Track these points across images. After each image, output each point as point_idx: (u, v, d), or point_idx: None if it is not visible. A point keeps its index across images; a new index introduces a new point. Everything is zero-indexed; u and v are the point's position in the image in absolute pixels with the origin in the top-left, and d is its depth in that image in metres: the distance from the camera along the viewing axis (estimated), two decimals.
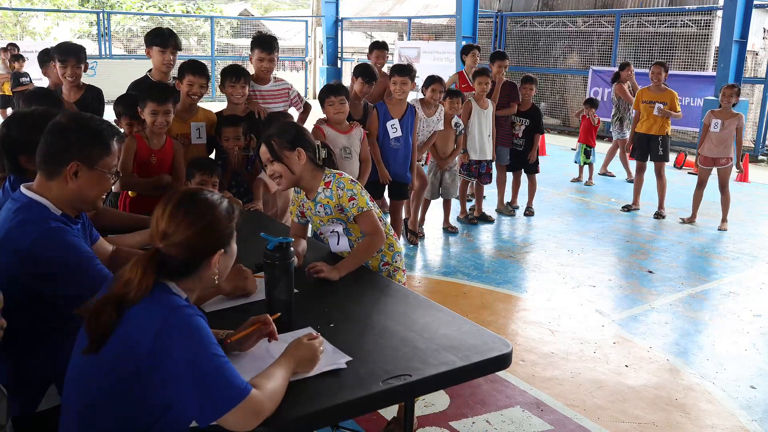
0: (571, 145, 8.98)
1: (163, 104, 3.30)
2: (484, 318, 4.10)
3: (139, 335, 1.42)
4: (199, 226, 1.52)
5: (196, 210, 1.53)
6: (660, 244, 5.85)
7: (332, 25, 18.67)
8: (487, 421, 2.97)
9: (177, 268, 1.52)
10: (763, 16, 11.81)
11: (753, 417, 3.09)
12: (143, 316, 1.43)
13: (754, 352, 3.79)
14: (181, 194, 1.57)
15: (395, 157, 4.71)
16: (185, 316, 1.45)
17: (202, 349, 1.42)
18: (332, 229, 2.56)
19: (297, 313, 2.02)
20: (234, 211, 1.61)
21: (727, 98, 6.15)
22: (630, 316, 4.26)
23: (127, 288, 1.45)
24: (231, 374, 1.43)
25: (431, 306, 2.21)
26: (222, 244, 1.58)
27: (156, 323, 1.41)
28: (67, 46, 4.00)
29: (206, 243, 1.54)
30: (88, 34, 21.68)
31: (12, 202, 1.85)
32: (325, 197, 2.49)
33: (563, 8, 14.38)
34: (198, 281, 1.58)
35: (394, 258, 2.69)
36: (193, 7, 25.68)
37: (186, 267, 1.53)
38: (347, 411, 1.73)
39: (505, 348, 1.89)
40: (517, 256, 5.43)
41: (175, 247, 1.50)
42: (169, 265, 1.50)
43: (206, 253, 1.55)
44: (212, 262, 1.56)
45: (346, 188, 2.46)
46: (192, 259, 1.53)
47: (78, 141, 1.83)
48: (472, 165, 6.08)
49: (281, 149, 2.40)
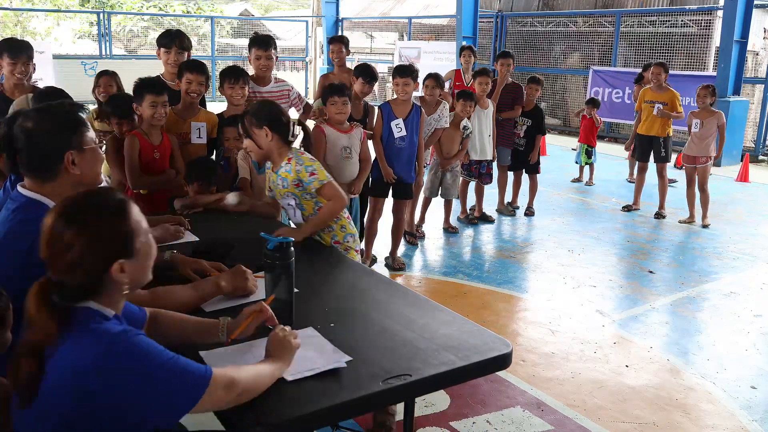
0: (572, 145, 8.98)
1: (160, 95, 3.35)
2: (484, 318, 4.10)
3: (78, 378, 1.28)
4: (80, 242, 1.33)
5: (73, 224, 1.34)
6: (660, 244, 5.85)
7: (332, 25, 18.67)
8: (487, 421, 2.97)
9: (77, 293, 1.37)
10: (763, 16, 11.81)
11: (753, 417, 3.09)
12: (78, 357, 1.29)
13: (754, 352, 3.79)
14: (58, 208, 1.39)
15: (399, 156, 4.70)
16: (122, 343, 1.32)
17: (152, 361, 1.33)
18: (288, 202, 2.87)
19: (297, 313, 2.02)
20: (125, 209, 1.41)
21: (702, 98, 6.28)
22: (630, 316, 4.26)
23: (31, 330, 1.31)
24: (188, 367, 1.38)
25: (431, 306, 2.21)
26: (116, 253, 1.38)
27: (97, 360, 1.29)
28: (17, 42, 3.92)
29: (93, 259, 1.35)
30: (88, 34, 21.70)
31: (11, 201, 1.85)
32: (285, 171, 2.79)
33: (563, 8, 14.38)
34: (111, 295, 1.41)
35: (346, 238, 2.97)
36: (193, 7, 25.68)
37: (90, 288, 1.38)
38: (347, 411, 1.73)
39: (505, 348, 1.89)
40: (518, 256, 5.43)
41: (66, 272, 1.35)
42: (71, 291, 1.36)
43: (100, 269, 1.37)
44: (112, 275, 1.38)
45: (305, 164, 2.75)
46: (89, 280, 1.37)
47: (61, 134, 1.83)
48: (472, 165, 6.07)
49: (250, 127, 2.73)
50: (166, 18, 22.26)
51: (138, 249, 1.42)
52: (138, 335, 1.36)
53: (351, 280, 2.48)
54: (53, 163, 1.82)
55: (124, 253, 1.39)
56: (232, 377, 1.44)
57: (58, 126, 1.84)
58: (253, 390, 1.50)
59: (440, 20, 17.79)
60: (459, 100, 5.50)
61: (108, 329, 1.35)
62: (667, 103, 6.59)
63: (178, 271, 2.26)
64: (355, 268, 2.62)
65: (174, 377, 1.35)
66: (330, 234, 2.96)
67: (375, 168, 4.62)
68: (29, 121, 1.84)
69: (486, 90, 5.89)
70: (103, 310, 1.39)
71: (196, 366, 1.40)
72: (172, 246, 2.60)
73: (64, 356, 1.31)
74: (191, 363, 1.40)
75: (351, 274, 2.55)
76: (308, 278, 2.37)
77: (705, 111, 6.31)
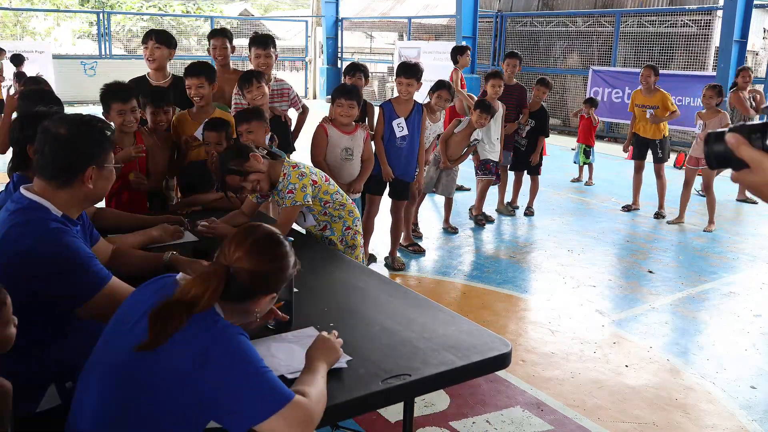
0: (571, 145, 8.98)
1: (127, 102, 3.23)
2: (484, 318, 4.10)
3: (189, 347, 1.43)
4: (274, 266, 1.60)
5: (275, 251, 1.61)
6: (660, 244, 5.85)
7: (332, 25, 18.67)
8: (487, 421, 2.97)
9: (236, 293, 1.56)
10: (763, 16, 11.82)
11: (753, 417, 3.09)
12: (194, 331, 1.45)
13: (754, 352, 3.79)
14: (266, 232, 1.64)
15: (399, 155, 4.68)
16: (230, 336, 1.47)
17: (245, 364, 1.44)
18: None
19: (297, 313, 2.02)
20: (296, 265, 1.68)
21: (707, 99, 6.21)
22: (630, 316, 4.26)
23: (196, 299, 1.47)
24: (275, 382, 1.45)
25: (431, 306, 2.21)
26: (277, 288, 1.65)
27: (205, 341, 1.44)
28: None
29: (271, 282, 1.61)
30: (88, 34, 21.70)
31: (12, 203, 1.85)
32: (282, 186, 2.86)
33: (563, 8, 14.38)
34: (242, 312, 1.62)
35: (354, 222, 3.13)
36: (193, 7, 25.68)
37: (244, 294, 1.58)
38: (347, 411, 1.74)
39: (505, 348, 1.89)
40: (517, 256, 5.43)
41: (246, 273, 1.55)
42: (231, 287, 1.54)
43: (266, 290, 1.61)
44: (264, 300, 1.63)
45: (290, 182, 2.84)
46: (253, 289, 1.58)
47: (88, 148, 1.86)
48: (488, 163, 6.02)
49: (240, 165, 2.75)
50: (165, 18, 22.26)
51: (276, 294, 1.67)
52: (241, 334, 1.49)
53: (351, 280, 2.49)
54: (74, 174, 1.84)
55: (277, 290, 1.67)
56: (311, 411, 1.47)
57: (93, 141, 1.88)
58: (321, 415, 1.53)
59: (440, 20, 17.80)
60: (476, 110, 5.45)
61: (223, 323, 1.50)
62: (658, 105, 6.56)
63: (178, 272, 2.25)
64: (355, 268, 2.62)
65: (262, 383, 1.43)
66: (340, 222, 3.08)
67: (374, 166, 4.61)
68: (62, 127, 1.85)
69: (498, 93, 5.85)
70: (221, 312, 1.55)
71: (283, 385, 1.47)
72: (171, 246, 2.61)
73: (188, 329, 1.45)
74: (279, 381, 1.47)
75: (351, 274, 2.55)
76: (308, 278, 2.37)
77: (710, 111, 6.23)
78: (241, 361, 1.44)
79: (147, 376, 1.45)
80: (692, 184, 6.42)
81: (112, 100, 3.20)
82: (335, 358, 1.70)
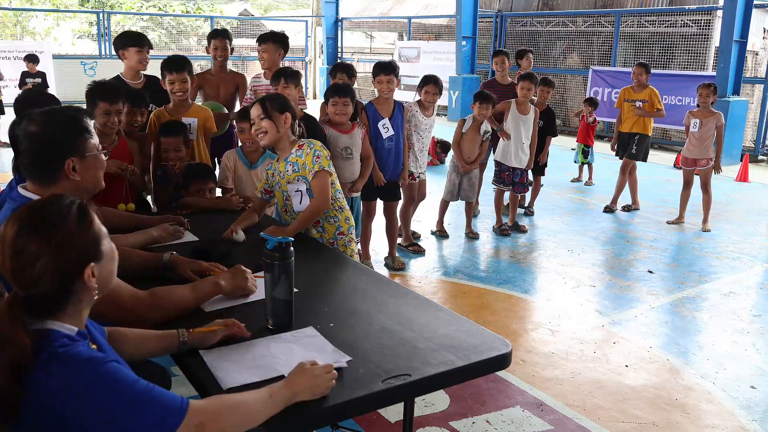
0: (571, 145, 8.97)
1: (114, 103, 3.12)
2: (484, 318, 4.10)
3: (51, 403, 1.24)
4: (49, 251, 1.29)
5: (38, 234, 1.29)
6: (660, 244, 5.85)
7: (332, 25, 18.68)
8: (487, 421, 2.97)
9: (46, 305, 1.32)
10: (763, 16, 11.81)
11: (753, 417, 3.09)
12: (49, 382, 1.25)
13: (754, 352, 3.79)
14: (16, 219, 1.31)
15: (389, 157, 4.65)
16: (93, 371, 1.27)
17: (121, 394, 1.27)
18: (297, 188, 2.91)
19: (297, 313, 2.02)
20: (87, 213, 1.38)
21: (704, 98, 6.12)
22: (630, 316, 4.26)
23: (6, 349, 1.23)
24: (162, 400, 1.30)
25: (431, 306, 2.21)
26: (87, 257, 1.35)
27: (65, 387, 1.24)
28: None
29: (67, 265, 1.32)
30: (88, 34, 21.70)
31: (10, 202, 1.85)
32: (296, 156, 2.90)
33: (563, 8, 14.37)
34: (78, 304, 1.37)
35: (350, 230, 3.11)
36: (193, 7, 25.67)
37: (57, 300, 1.33)
38: (347, 411, 1.73)
39: (505, 348, 1.89)
40: (517, 256, 5.43)
41: (35, 284, 1.29)
42: (36, 305, 1.31)
43: (73, 275, 1.33)
44: (85, 280, 1.35)
45: (314, 149, 2.88)
46: (59, 289, 1.32)
47: (62, 139, 1.82)
48: (503, 172, 5.88)
49: (272, 110, 2.85)
50: (165, 18, 22.26)
51: (104, 251, 1.40)
52: (106, 363, 1.29)
53: (351, 280, 2.49)
54: (54, 169, 1.82)
55: (94, 256, 1.37)
56: (207, 413, 1.34)
57: (64, 133, 1.83)
58: (237, 424, 1.39)
59: (440, 20, 17.80)
60: (475, 103, 5.38)
61: (77, 353, 1.28)
62: (647, 100, 6.61)
63: (178, 272, 2.25)
64: (355, 268, 2.62)
65: (147, 412, 1.28)
66: (334, 225, 3.05)
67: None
68: (33, 125, 1.82)
69: (528, 96, 5.69)
70: (66, 329, 1.33)
71: (172, 398, 1.32)
72: (171, 246, 2.61)
73: (39, 381, 1.25)
74: (166, 396, 1.32)
75: (351, 274, 2.55)
76: (308, 278, 2.37)
77: (705, 111, 6.19)
78: (115, 393, 1.26)
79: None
80: (692, 184, 6.39)
81: (100, 98, 3.10)
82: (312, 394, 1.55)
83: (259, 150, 3.61)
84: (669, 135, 11.77)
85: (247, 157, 3.63)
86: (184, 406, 1.32)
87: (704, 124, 6.14)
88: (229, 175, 3.60)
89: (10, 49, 14.12)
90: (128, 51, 4.20)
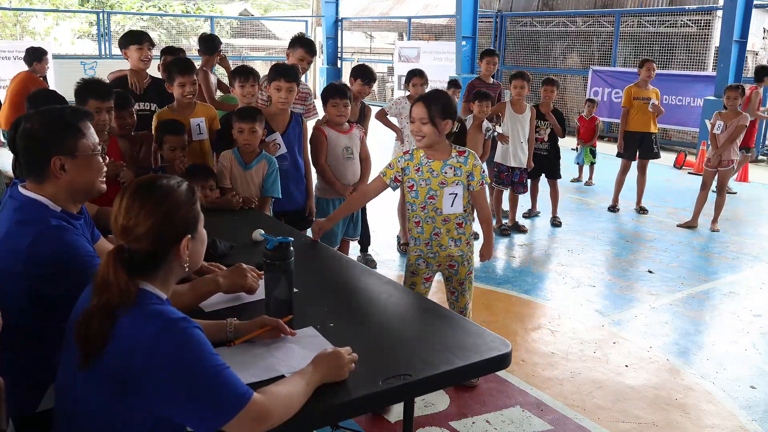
0: (571, 145, 8.96)
1: (105, 101, 3.07)
2: (484, 318, 4.10)
3: (134, 350, 1.33)
4: (159, 214, 1.44)
5: (153, 198, 1.46)
6: (660, 244, 5.84)
7: (332, 25, 18.67)
8: (487, 421, 2.97)
9: (144, 262, 1.45)
10: (763, 16, 11.82)
11: (753, 417, 3.09)
12: (136, 330, 1.35)
13: (754, 352, 3.79)
14: (135, 185, 1.49)
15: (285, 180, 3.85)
16: (180, 330, 1.36)
17: (198, 362, 1.35)
18: (453, 191, 2.92)
19: (297, 313, 2.02)
20: (195, 194, 1.54)
21: (731, 100, 5.99)
22: (630, 315, 4.26)
23: (107, 292, 1.37)
24: (230, 383, 1.37)
25: (431, 306, 2.21)
26: (187, 229, 1.50)
27: (150, 338, 1.33)
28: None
29: (170, 230, 1.46)
30: (88, 34, 21.69)
31: (11, 201, 1.85)
32: (458, 162, 2.91)
33: (563, 8, 14.37)
34: (169, 273, 1.50)
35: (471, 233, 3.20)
36: (193, 7, 25.65)
37: (154, 259, 1.46)
38: (347, 411, 1.73)
39: (505, 348, 1.89)
40: (518, 256, 5.43)
41: (138, 241, 1.43)
42: (135, 261, 1.43)
43: (172, 241, 1.47)
44: (180, 249, 1.48)
45: (479, 161, 2.95)
46: (158, 250, 1.46)
47: (48, 137, 1.81)
48: (503, 172, 5.86)
49: (437, 116, 2.79)
50: (165, 18, 22.25)
51: (200, 231, 1.56)
52: (195, 327, 1.38)
53: (351, 280, 2.49)
54: (41, 166, 1.81)
55: (193, 230, 1.52)
56: (267, 409, 1.41)
57: (49, 129, 1.82)
58: (285, 416, 1.47)
59: (440, 20, 17.79)
60: (475, 101, 5.34)
61: (167, 311, 1.39)
62: (656, 99, 6.63)
63: None
64: (355, 268, 2.62)
65: (213, 389, 1.35)
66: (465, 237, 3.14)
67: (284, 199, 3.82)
68: (29, 122, 1.83)
69: (522, 94, 5.67)
70: (157, 292, 1.45)
71: (239, 384, 1.39)
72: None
73: (128, 329, 1.35)
74: (235, 380, 1.38)
75: (351, 274, 2.55)
76: (308, 278, 2.37)
77: (732, 112, 6.02)
78: (194, 355, 1.34)
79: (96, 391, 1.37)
80: (710, 186, 6.31)
81: (90, 96, 3.05)
82: (337, 376, 1.63)
83: (255, 151, 3.60)
84: (669, 135, 11.77)
85: (243, 158, 3.63)
86: (246, 396, 1.38)
87: (729, 126, 6.02)
88: (227, 174, 3.60)
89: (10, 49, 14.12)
90: (129, 50, 4.27)
